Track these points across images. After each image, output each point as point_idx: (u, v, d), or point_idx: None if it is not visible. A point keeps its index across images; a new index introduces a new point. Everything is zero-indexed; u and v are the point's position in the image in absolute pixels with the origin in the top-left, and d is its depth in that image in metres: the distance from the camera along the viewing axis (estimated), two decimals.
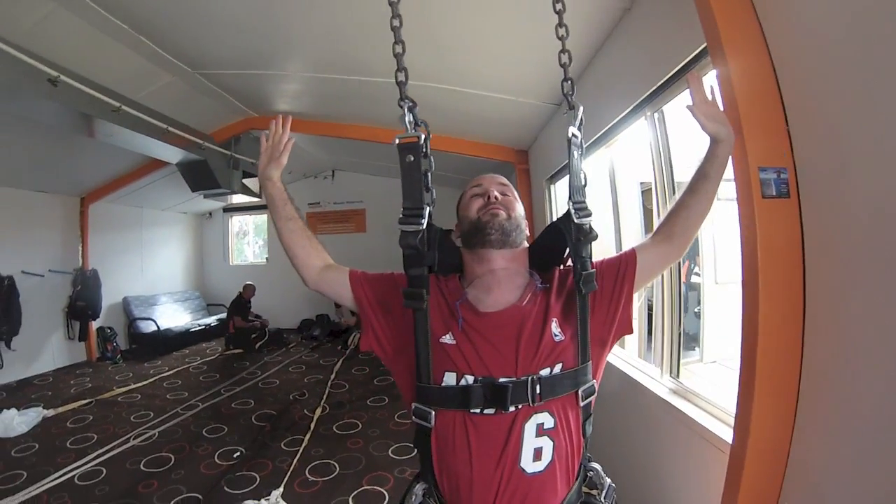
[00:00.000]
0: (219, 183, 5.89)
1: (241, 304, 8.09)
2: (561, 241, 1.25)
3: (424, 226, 1.15)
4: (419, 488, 1.18)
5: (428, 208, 1.17)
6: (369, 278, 1.30)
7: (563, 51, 1.32)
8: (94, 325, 7.07)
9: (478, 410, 1.07)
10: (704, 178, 1.25)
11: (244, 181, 6.48)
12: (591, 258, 1.18)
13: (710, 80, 1.64)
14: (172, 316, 8.44)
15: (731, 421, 1.72)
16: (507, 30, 2.90)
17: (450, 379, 1.10)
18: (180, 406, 4.94)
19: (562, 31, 1.32)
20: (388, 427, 4.41)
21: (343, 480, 3.38)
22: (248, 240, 10.93)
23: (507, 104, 4.00)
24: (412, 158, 1.16)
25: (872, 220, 1.24)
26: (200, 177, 5.88)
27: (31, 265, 6.21)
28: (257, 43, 3.63)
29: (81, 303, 6.75)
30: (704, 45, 1.75)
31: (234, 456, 3.74)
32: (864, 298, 1.28)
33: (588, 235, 1.18)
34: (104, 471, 3.45)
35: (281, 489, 3.10)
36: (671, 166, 2.55)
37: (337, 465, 3.60)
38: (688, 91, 1.31)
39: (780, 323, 1.50)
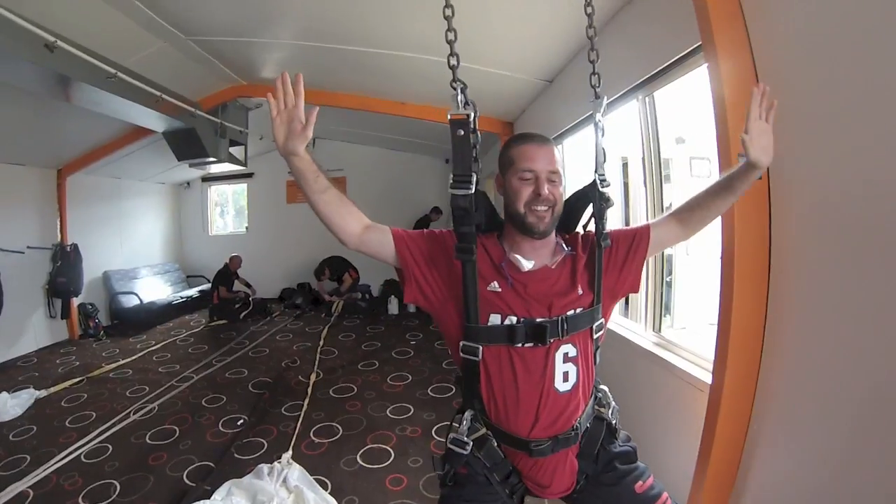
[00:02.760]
0: (207, 151, 5.74)
1: (226, 274, 8.04)
2: (583, 204, 1.49)
3: (473, 191, 1.32)
4: (468, 414, 1.37)
5: (475, 176, 1.32)
6: (413, 237, 1.39)
7: (591, 49, 1.55)
8: (76, 301, 6.91)
9: (520, 345, 1.30)
10: (730, 192, 1.38)
11: (231, 150, 6.35)
12: (607, 220, 1.43)
13: (703, 74, 1.98)
14: (153, 289, 8.29)
15: (708, 365, 2.14)
16: (504, 5, 2.95)
17: (495, 319, 1.31)
18: (174, 379, 4.96)
19: (591, 32, 1.54)
20: (382, 389, 4.56)
21: (348, 441, 3.52)
22: (220, 210, 10.69)
23: (503, 79, 4.07)
24: (462, 133, 1.33)
25: (826, 204, 1.58)
26: (188, 145, 5.71)
27: (10, 242, 5.96)
28: (251, 9, 3.55)
29: (62, 279, 6.57)
30: (698, 43, 2.00)
31: (238, 423, 3.83)
32: (816, 262, 1.65)
33: (608, 201, 1.42)
34: (110, 447, 3.48)
35: (290, 452, 3.20)
36: (658, 145, 2.86)
37: (340, 427, 3.73)
38: (749, 110, 1.29)
39: (751, 280, 1.87)
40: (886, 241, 1.36)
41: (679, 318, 3.53)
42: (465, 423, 1.37)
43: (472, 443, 1.36)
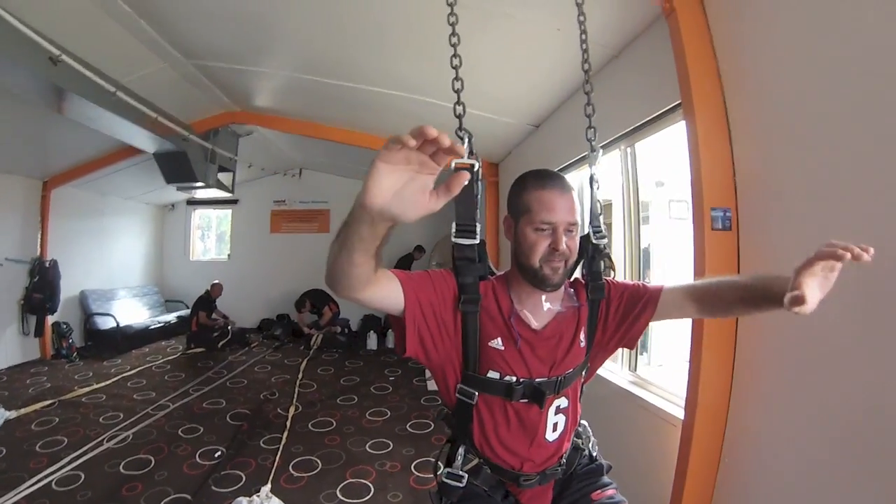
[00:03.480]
0: (196, 176, 5.77)
1: (207, 301, 7.96)
2: (577, 257, 1.39)
3: (478, 241, 1.28)
4: (462, 450, 1.39)
5: (479, 225, 1.28)
6: (422, 287, 1.23)
7: (588, 104, 1.60)
8: (50, 319, 6.73)
9: (516, 401, 1.31)
10: (754, 308, 1.24)
11: (219, 175, 6.38)
12: (602, 272, 1.41)
13: (681, 129, 2.18)
14: (130, 311, 8.12)
15: (681, 402, 2.30)
16: (497, 52, 3.09)
17: (493, 375, 1.31)
18: (150, 406, 4.86)
19: (588, 87, 1.59)
20: (361, 424, 4.57)
21: (327, 475, 3.52)
22: (201, 234, 10.61)
23: (490, 122, 4.23)
24: (466, 182, 1.21)
25: (793, 249, 1.70)
26: (178, 169, 5.73)
27: None
28: (252, 38, 3.68)
29: (39, 295, 6.41)
30: (678, 101, 2.19)
31: (216, 455, 3.78)
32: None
33: (602, 253, 1.42)
34: (82, 475, 3.40)
35: (269, 485, 3.19)
36: (637, 190, 3.09)
37: (319, 461, 3.72)
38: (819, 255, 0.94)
39: (720, 323, 2.02)
40: (854, 283, 1.38)
41: (656, 356, 3.67)
42: (459, 458, 1.38)
43: (467, 475, 1.37)
